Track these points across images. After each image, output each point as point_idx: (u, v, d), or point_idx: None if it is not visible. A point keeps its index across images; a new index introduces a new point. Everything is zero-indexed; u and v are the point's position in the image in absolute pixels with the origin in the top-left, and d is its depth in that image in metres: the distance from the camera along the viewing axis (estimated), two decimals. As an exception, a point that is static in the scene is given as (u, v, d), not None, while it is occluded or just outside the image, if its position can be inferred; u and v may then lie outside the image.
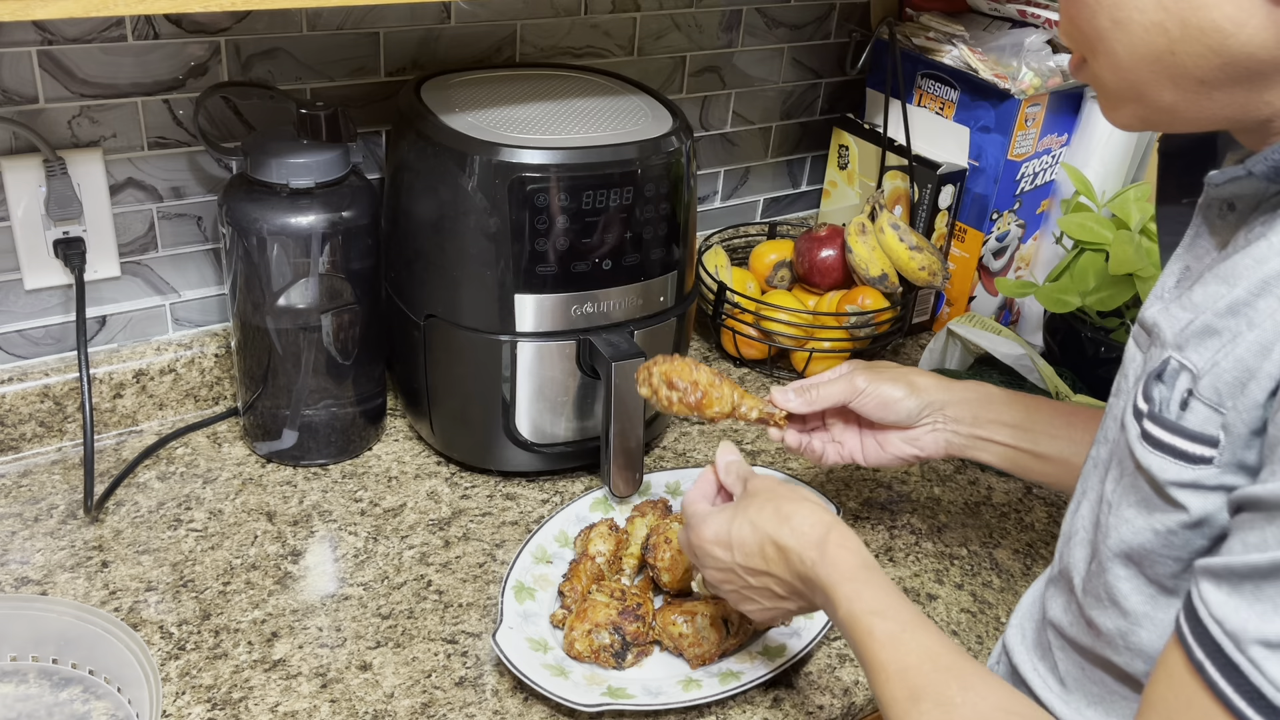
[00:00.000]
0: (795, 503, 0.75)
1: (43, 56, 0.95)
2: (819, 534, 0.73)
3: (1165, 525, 0.58)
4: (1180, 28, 0.53)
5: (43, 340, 1.05)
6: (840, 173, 1.46)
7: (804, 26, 1.42)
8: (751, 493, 0.78)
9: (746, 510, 0.76)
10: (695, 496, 0.83)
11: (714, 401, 0.89)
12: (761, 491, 0.78)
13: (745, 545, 0.75)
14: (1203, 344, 0.56)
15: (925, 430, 0.90)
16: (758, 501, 0.76)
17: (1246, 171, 0.55)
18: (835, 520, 0.74)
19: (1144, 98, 0.58)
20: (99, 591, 0.90)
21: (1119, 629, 0.62)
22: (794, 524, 0.74)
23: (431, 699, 0.83)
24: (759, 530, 0.75)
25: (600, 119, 1.00)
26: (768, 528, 0.74)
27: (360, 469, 1.07)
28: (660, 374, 0.88)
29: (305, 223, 0.96)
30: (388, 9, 1.10)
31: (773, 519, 0.75)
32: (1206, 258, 0.61)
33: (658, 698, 0.82)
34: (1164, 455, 0.57)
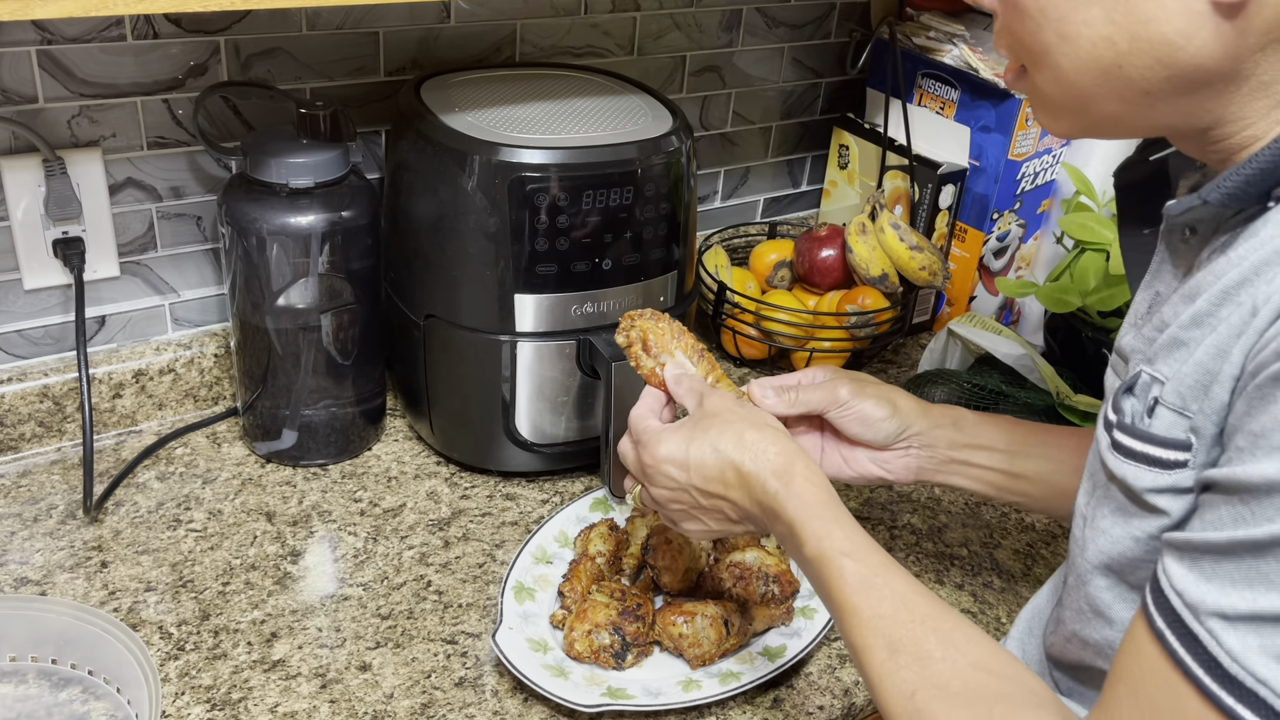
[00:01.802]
0: (759, 429, 0.73)
1: (42, 56, 0.95)
2: (784, 463, 0.71)
3: (1145, 531, 0.58)
4: (1129, 41, 0.54)
5: (42, 340, 1.05)
6: (840, 172, 1.46)
7: (804, 26, 1.42)
8: (710, 412, 0.76)
9: (707, 431, 0.74)
10: (643, 412, 0.80)
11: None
12: (721, 412, 0.75)
13: (704, 468, 0.73)
14: (1170, 356, 0.57)
15: (897, 454, 0.86)
16: (719, 423, 0.74)
17: (1202, 200, 0.56)
18: (800, 450, 0.72)
19: (1087, 110, 0.58)
20: (98, 592, 0.90)
21: (1106, 639, 0.62)
22: (758, 450, 0.72)
23: (431, 699, 0.83)
24: (720, 454, 0.73)
25: (600, 119, 1.00)
26: (730, 451, 0.72)
27: (360, 469, 1.07)
28: (639, 330, 0.86)
29: (305, 222, 0.95)
30: (387, 9, 1.09)
31: (734, 443, 0.73)
32: (1174, 281, 0.62)
33: (658, 698, 0.82)
34: (1138, 464, 0.58)
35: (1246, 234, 0.55)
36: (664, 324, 0.86)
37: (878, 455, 0.86)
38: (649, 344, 0.85)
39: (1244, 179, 0.54)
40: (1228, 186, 0.54)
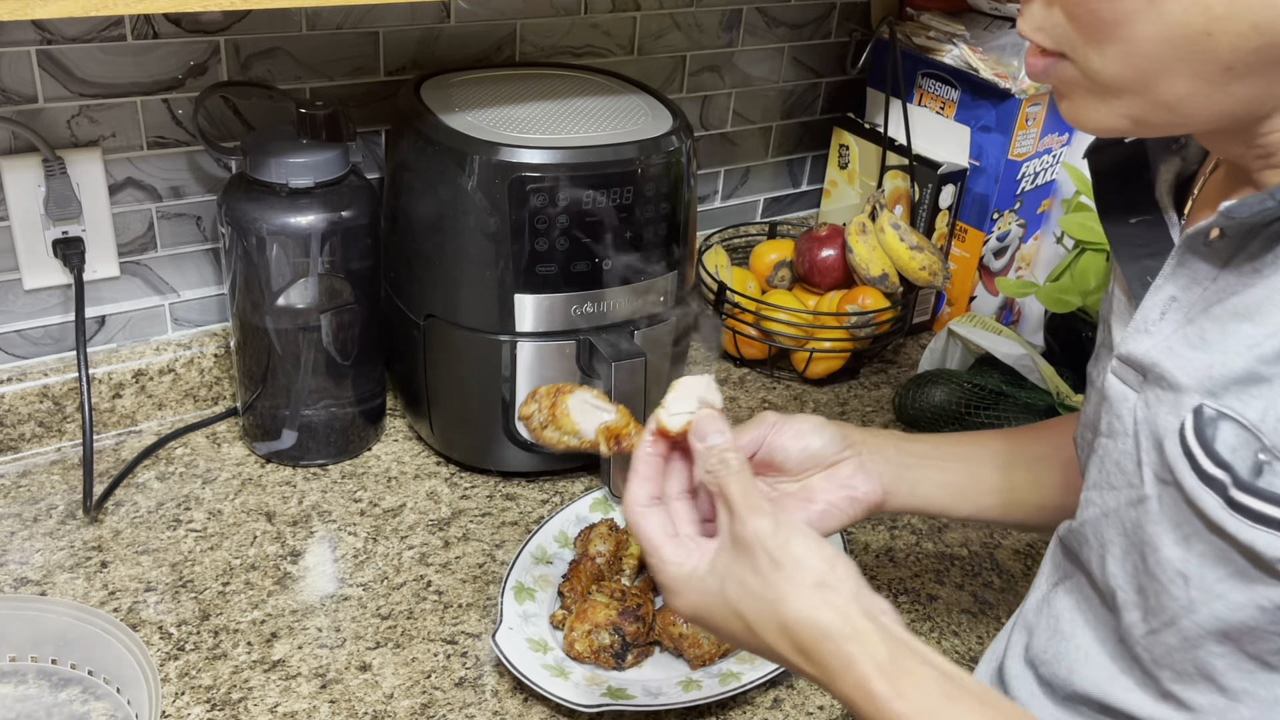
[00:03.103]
0: (801, 607, 0.57)
1: (42, 56, 0.95)
2: (868, 674, 0.55)
3: (1274, 601, 0.52)
4: (1226, 3, 0.48)
5: (42, 340, 1.05)
6: (841, 172, 1.46)
7: (804, 26, 1.42)
8: (737, 554, 0.59)
9: (734, 598, 0.59)
10: (652, 531, 0.63)
11: (567, 421, 0.74)
12: (748, 564, 0.58)
13: (760, 625, 0.58)
14: (1247, 392, 0.52)
15: (851, 467, 0.77)
16: (750, 591, 0.58)
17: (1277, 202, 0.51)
18: (896, 648, 0.56)
19: (1151, 90, 0.52)
20: (98, 592, 0.90)
21: (1214, 705, 0.57)
22: (830, 647, 0.56)
23: (431, 699, 0.83)
24: (759, 637, 0.59)
25: (600, 118, 1.00)
26: (770, 640, 0.58)
27: (360, 469, 1.07)
28: (546, 388, 0.76)
29: (304, 222, 0.95)
30: (387, 8, 1.09)
31: (776, 631, 0.58)
32: (1196, 288, 0.57)
33: (658, 698, 0.82)
34: (1271, 530, 0.51)
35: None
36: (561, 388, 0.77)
37: (835, 475, 0.77)
38: (561, 388, 0.76)
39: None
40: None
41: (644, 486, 0.65)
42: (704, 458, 0.62)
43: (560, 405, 0.74)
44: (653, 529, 0.63)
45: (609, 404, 0.75)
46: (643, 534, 0.63)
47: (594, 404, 0.75)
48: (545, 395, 0.75)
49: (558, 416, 0.74)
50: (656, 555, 0.62)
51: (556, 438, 0.75)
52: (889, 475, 0.78)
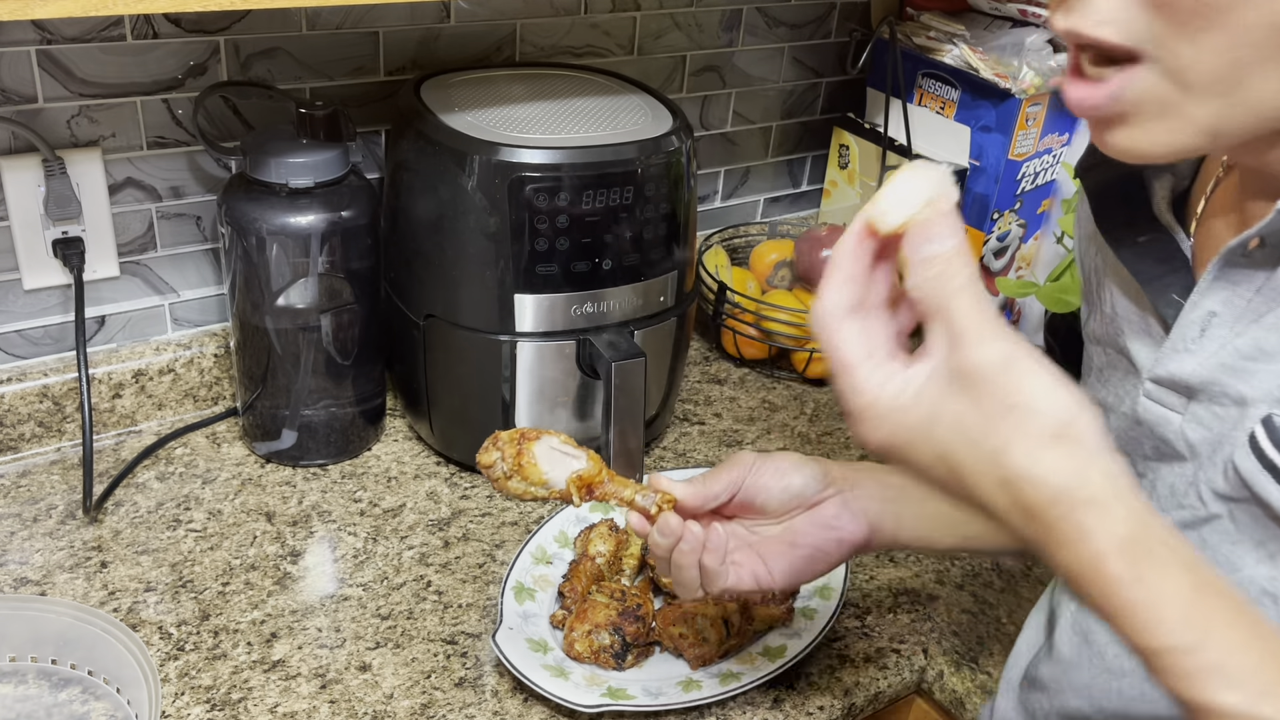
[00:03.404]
0: (1030, 459, 0.47)
1: (42, 56, 0.95)
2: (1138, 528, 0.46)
3: None
4: None
5: (42, 340, 1.05)
6: (841, 172, 1.46)
7: (804, 26, 1.42)
8: (956, 386, 0.48)
9: (945, 440, 0.49)
10: (848, 348, 0.52)
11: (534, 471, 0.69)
12: (969, 400, 0.48)
13: (974, 475, 0.49)
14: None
15: (835, 506, 0.73)
16: (968, 434, 0.48)
17: None
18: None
19: (1240, 88, 0.46)
20: (98, 592, 0.90)
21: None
22: (1059, 513, 0.47)
23: (431, 700, 0.83)
24: (970, 488, 0.49)
25: (600, 118, 1.00)
26: (984, 495, 0.49)
27: (360, 469, 1.07)
28: (509, 434, 0.70)
29: (304, 222, 0.95)
30: (387, 8, 1.09)
31: (993, 486, 0.48)
32: (1239, 300, 0.54)
33: (658, 698, 0.82)
34: None
35: None
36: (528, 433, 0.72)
37: (819, 516, 0.73)
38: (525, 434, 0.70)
39: None
40: None
41: (845, 291, 0.53)
42: (924, 266, 0.49)
43: (526, 454, 0.69)
44: (849, 344, 0.52)
45: (578, 449, 0.70)
46: (836, 349, 0.52)
47: (562, 450, 0.70)
48: (508, 442, 0.69)
49: (524, 466, 0.68)
50: (850, 376, 0.51)
51: (522, 489, 0.69)
52: (874, 511, 0.74)
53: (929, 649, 0.92)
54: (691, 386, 1.26)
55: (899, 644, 0.92)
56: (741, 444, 1.16)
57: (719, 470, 0.73)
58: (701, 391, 1.25)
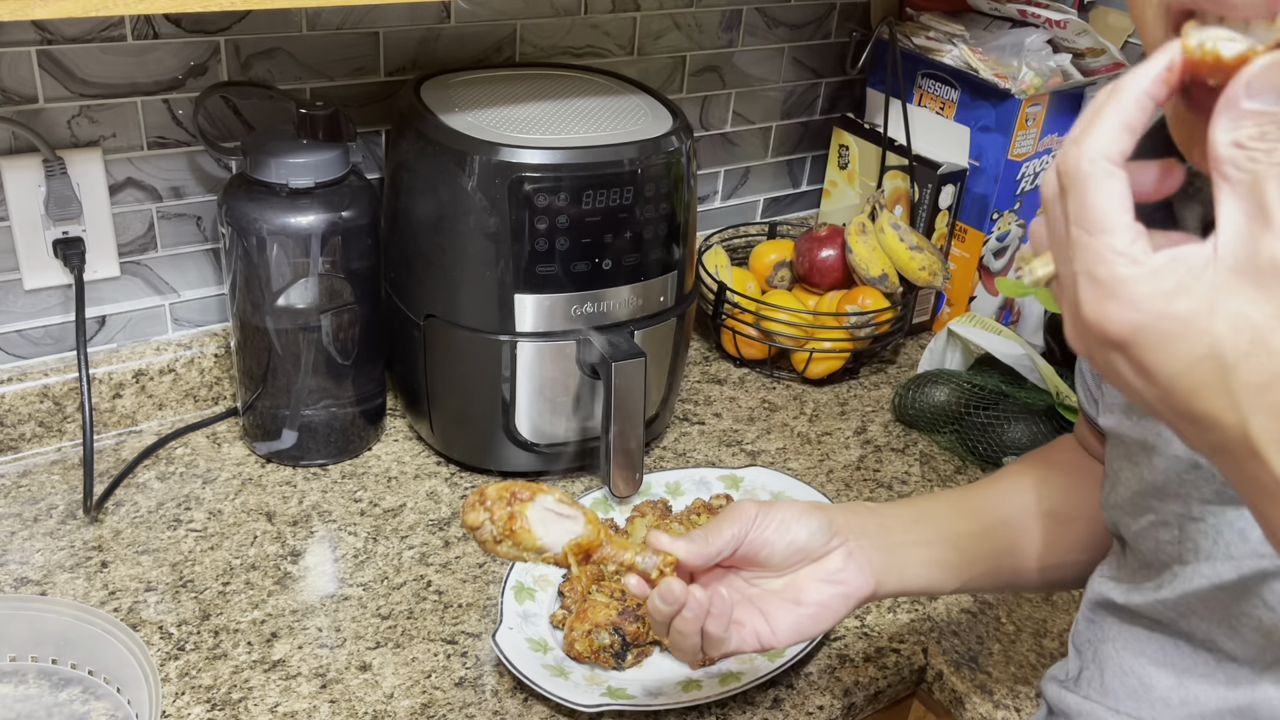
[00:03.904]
0: None
1: (42, 56, 0.95)
2: None
3: None
4: None
5: (42, 340, 1.05)
6: (840, 172, 1.46)
7: (804, 26, 1.42)
8: (1256, 278, 0.39)
9: (1227, 339, 0.39)
10: (1111, 200, 0.41)
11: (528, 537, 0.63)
12: (1275, 300, 0.39)
13: (1251, 388, 0.39)
14: None
15: (839, 559, 0.70)
16: (1263, 338, 0.39)
17: None
18: None
19: None
20: (98, 592, 0.90)
21: None
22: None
23: (431, 699, 0.83)
24: (1239, 409, 0.40)
25: (600, 119, 1.00)
26: (1255, 422, 0.40)
27: (360, 469, 1.07)
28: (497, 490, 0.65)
29: (305, 222, 0.95)
30: (387, 9, 1.09)
31: (1275, 411, 0.39)
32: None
33: (658, 698, 0.82)
34: None
35: None
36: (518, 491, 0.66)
37: (824, 570, 0.70)
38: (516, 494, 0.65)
39: None
40: None
41: (1120, 139, 0.41)
42: (1242, 120, 0.39)
43: (519, 517, 0.63)
44: (1113, 195, 0.41)
45: (573, 507, 0.65)
46: (1097, 202, 0.41)
47: (557, 511, 0.65)
48: (499, 502, 0.64)
49: (516, 531, 0.63)
50: (1110, 238, 0.41)
51: (514, 554, 0.64)
52: (878, 562, 0.72)
53: (929, 649, 0.92)
54: (691, 386, 1.26)
55: (899, 644, 0.92)
56: (741, 444, 1.16)
57: (720, 524, 0.69)
58: (701, 391, 1.25)
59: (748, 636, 0.68)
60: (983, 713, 0.87)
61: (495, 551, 0.63)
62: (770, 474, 1.06)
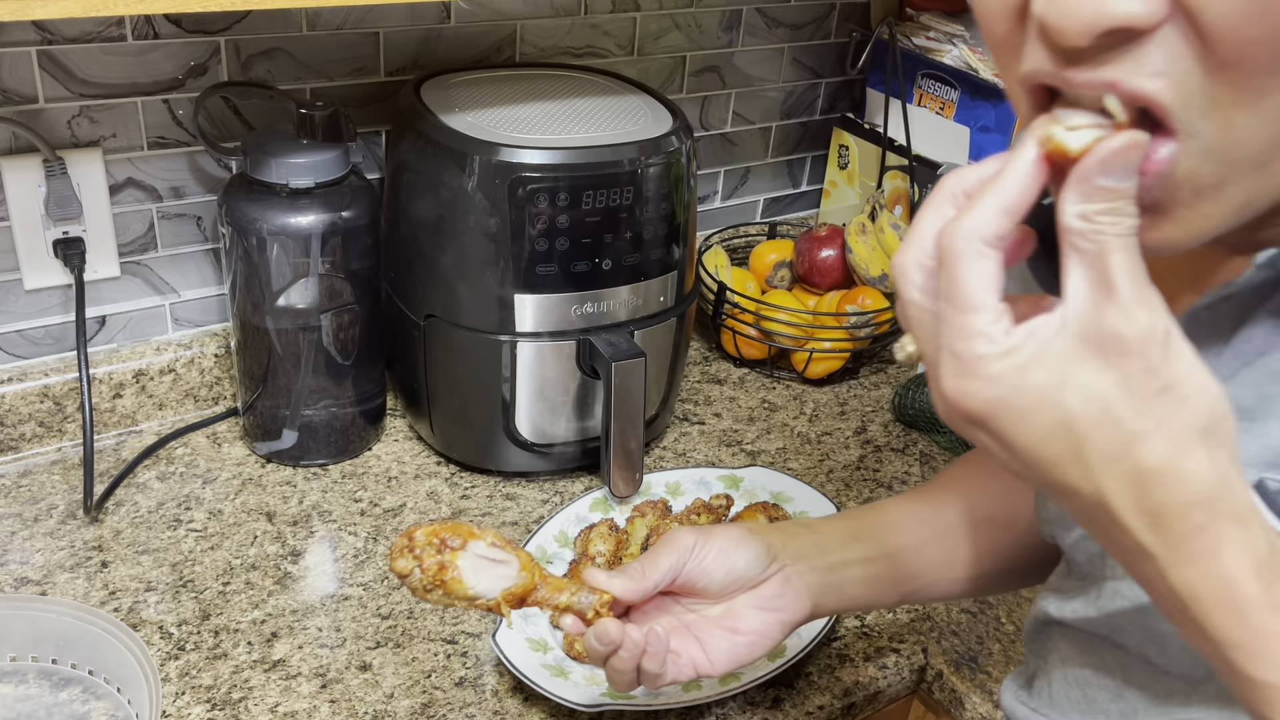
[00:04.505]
0: (1175, 452, 0.41)
1: (42, 56, 0.95)
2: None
3: None
4: None
5: (42, 340, 1.05)
6: (840, 172, 1.46)
7: (804, 26, 1.42)
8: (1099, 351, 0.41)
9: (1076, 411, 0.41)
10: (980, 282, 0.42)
11: (459, 587, 0.61)
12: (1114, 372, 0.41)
13: (1100, 461, 0.42)
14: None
15: (777, 585, 0.70)
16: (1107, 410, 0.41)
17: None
18: None
19: (1277, 158, 0.40)
20: (98, 592, 0.90)
21: None
22: (1198, 520, 0.41)
23: (431, 699, 0.83)
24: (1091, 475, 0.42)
25: (600, 119, 1.00)
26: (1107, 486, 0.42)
27: (360, 469, 1.07)
28: (426, 535, 0.62)
29: (305, 223, 0.95)
30: (388, 9, 1.09)
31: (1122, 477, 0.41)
32: (1208, 356, 0.50)
33: (657, 698, 0.82)
34: None
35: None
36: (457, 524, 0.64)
37: (759, 595, 0.70)
38: (446, 541, 0.62)
39: None
40: None
41: (1002, 219, 0.43)
42: (1095, 197, 0.40)
43: (450, 567, 0.61)
44: (985, 278, 0.42)
45: (506, 550, 0.63)
46: (964, 279, 0.42)
47: (490, 556, 0.62)
48: (428, 548, 0.61)
49: (447, 582, 0.61)
50: (969, 316, 0.42)
51: (446, 601, 0.62)
52: (816, 585, 0.71)
53: (929, 649, 0.92)
54: (691, 386, 1.26)
55: (899, 644, 0.92)
56: (741, 444, 1.16)
57: (658, 554, 0.69)
58: (701, 391, 1.25)
59: (684, 666, 0.68)
60: (983, 713, 0.87)
61: (426, 599, 0.62)
62: (770, 474, 1.06)
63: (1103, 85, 0.40)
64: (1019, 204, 0.43)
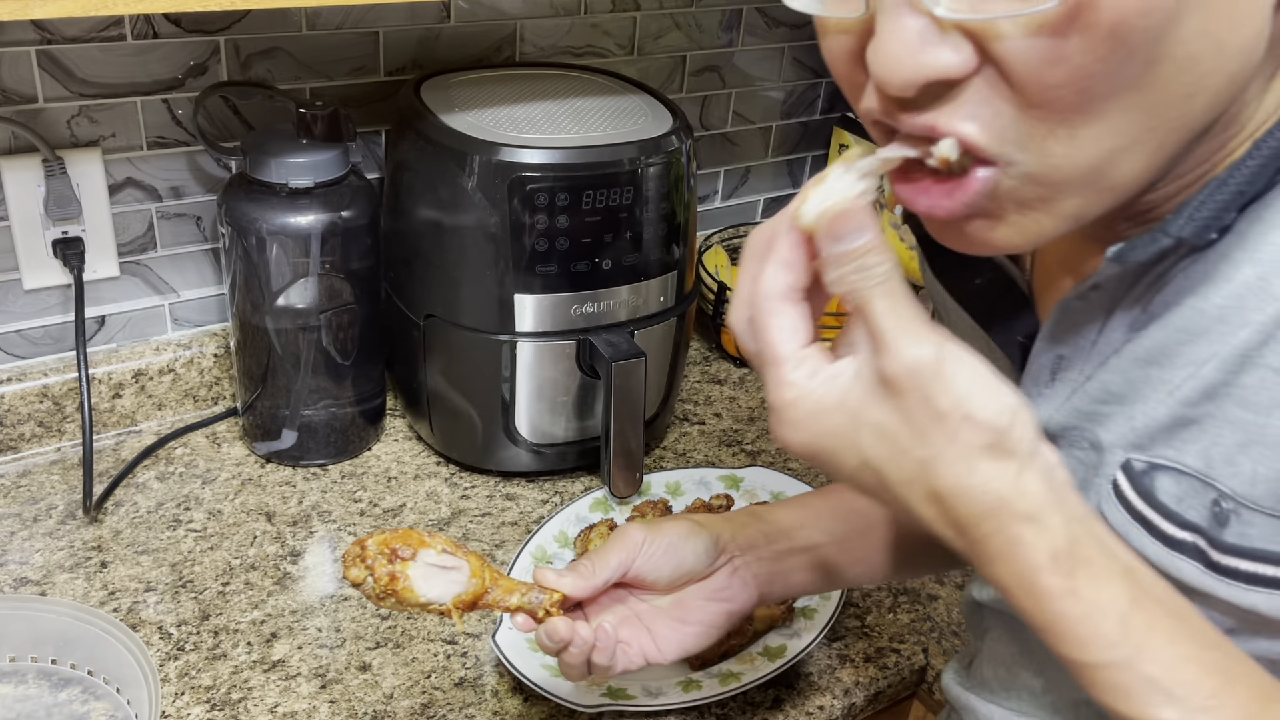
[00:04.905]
0: (962, 471, 0.45)
1: (42, 56, 0.95)
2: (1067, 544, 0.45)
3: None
4: (1214, 56, 0.41)
5: (42, 340, 1.05)
6: (840, 172, 1.46)
7: (804, 26, 1.42)
8: (880, 393, 0.46)
9: (870, 450, 0.46)
10: (781, 335, 0.49)
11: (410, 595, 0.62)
12: (895, 410, 0.45)
13: (902, 487, 0.47)
14: (1179, 438, 0.48)
15: (725, 575, 0.72)
16: (895, 444, 0.46)
17: (1174, 239, 0.46)
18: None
19: (1106, 177, 0.44)
20: (98, 592, 0.90)
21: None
22: (992, 526, 0.45)
23: (431, 700, 0.83)
24: (898, 499, 0.47)
25: (600, 118, 1.00)
26: (914, 506, 0.47)
27: (359, 469, 1.07)
28: (378, 544, 0.63)
29: (304, 222, 0.95)
30: (387, 8, 1.09)
31: (922, 498, 0.46)
32: (1083, 342, 0.53)
33: (657, 698, 0.82)
34: (1272, 591, 0.46)
35: (1199, 276, 0.47)
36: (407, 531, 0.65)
37: (708, 587, 0.72)
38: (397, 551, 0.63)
39: (1220, 205, 0.45)
40: (1202, 216, 0.45)
41: (786, 274, 0.49)
42: (838, 262, 0.46)
43: (401, 577, 0.62)
44: (784, 333, 0.48)
45: (457, 555, 0.64)
46: (768, 335, 0.48)
47: (440, 564, 0.63)
48: (379, 558, 0.62)
49: (399, 591, 0.62)
50: (776, 368, 0.48)
51: (399, 608, 0.64)
52: (763, 574, 0.74)
53: (929, 649, 0.92)
54: (691, 386, 1.26)
55: (899, 644, 0.92)
56: (741, 444, 1.16)
57: (608, 551, 0.71)
58: (701, 391, 1.25)
59: (634, 656, 0.70)
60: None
61: (380, 605, 0.63)
62: (770, 474, 1.06)
63: (925, 128, 0.44)
64: (795, 258, 0.49)
